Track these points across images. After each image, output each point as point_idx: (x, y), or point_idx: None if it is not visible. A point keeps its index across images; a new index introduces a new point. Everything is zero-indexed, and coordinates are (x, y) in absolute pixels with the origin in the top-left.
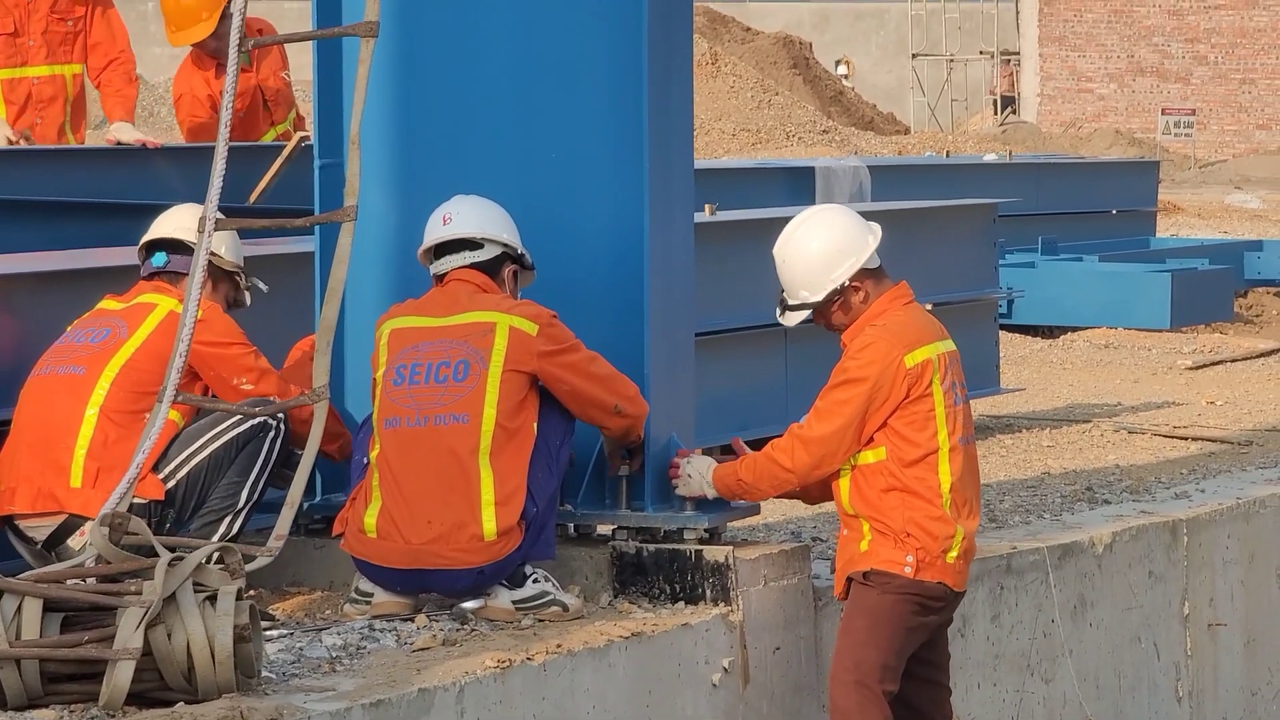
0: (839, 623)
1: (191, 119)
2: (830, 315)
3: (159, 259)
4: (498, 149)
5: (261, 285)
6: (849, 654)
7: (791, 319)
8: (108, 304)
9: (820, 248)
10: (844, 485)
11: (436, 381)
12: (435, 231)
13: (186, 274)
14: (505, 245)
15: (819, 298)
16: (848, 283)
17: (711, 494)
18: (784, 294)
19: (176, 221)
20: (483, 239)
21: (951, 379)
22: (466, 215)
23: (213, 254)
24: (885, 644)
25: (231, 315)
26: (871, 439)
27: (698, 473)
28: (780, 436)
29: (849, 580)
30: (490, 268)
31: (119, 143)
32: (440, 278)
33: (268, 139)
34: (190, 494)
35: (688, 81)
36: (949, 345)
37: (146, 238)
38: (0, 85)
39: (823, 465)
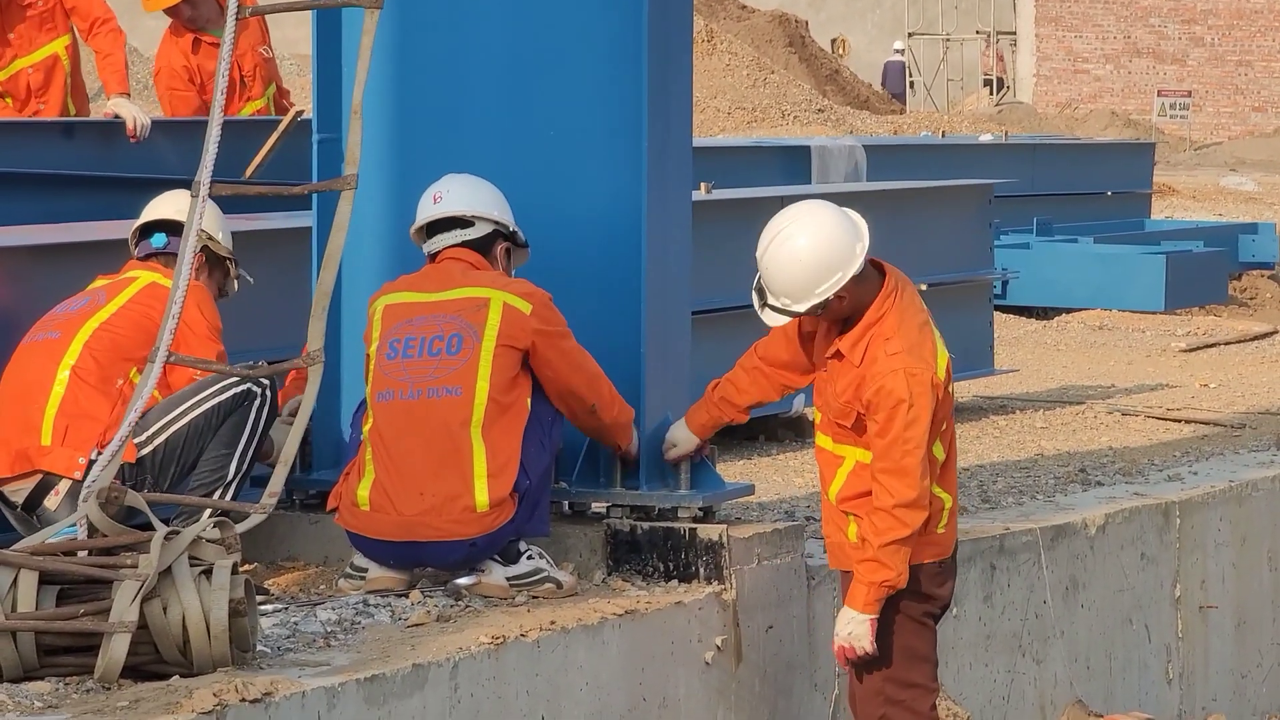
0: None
1: (170, 91)
2: (812, 314)
3: (159, 239)
4: (495, 126)
5: (249, 278)
6: (880, 673)
7: (772, 319)
8: (98, 282)
9: (807, 261)
10: (839, 476)
11: (430, 355)
12: (425, 210)
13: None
14: (496, 223)
15: (801, 309)
16: (832, 296)
17: (869, 632)
18: (763, 285)
19: (175, 204)
20: (473, 217)
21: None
22: (456, 193)
23: (210, 238)
24: (915, 655)
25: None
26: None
27: (857, 625)
28: (869, 524)
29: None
30: (481, 246)
31: (117, 116)
32: (433, 256)
33: (244, 114)
34: (169, 461)
35: (687, 60)
36: (929, 315)
37: (143, 220)
38: (3, 84)
39: (924, 509)
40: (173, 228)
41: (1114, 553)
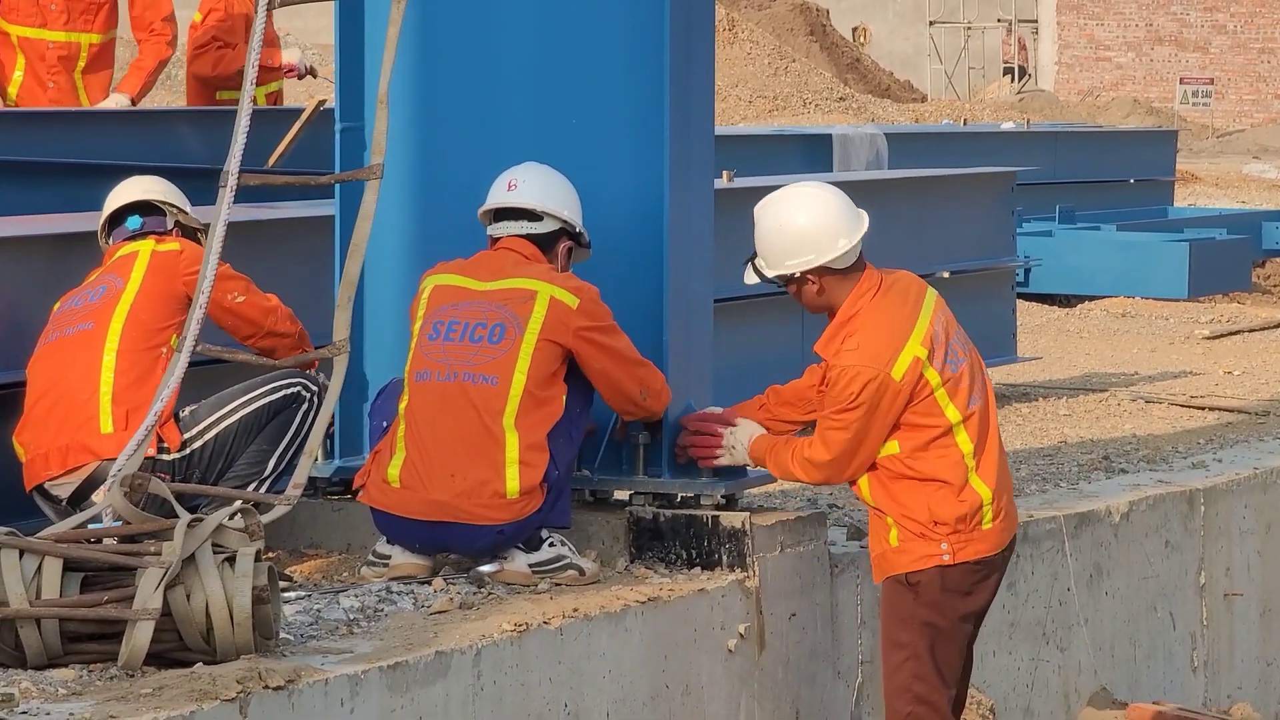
0: (881, 631)
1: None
2: (791, 292)
3: (134, 222)
4: (518, 114)
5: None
6: (908, 669)
7: (749, 278)
8: (93, 275)
9: (787, 231)
10: (862, 482)
11: (471, 341)
12: (498, 196)
13: (161, 233)
14: (564, 221)
15: (770, 275)
16: (799, 274)
17: (745, 463)
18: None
19: (143, 186)
20: (543, 212)
21: (942, 350)
22: (531, 185)
23: (181, 211)
24: (940, 651)
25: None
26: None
27: (740, 444)
28: (805, 443)
29: (888, 578)
30: (545, 241)
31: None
32: (494, 240)
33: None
34: (217, 456)
35: (709, 47)
36: (929, 309)
37: (114, 206)
38: (19, 42)
39: (835, 478)
40: (144, 208)
41: (1138, 540)
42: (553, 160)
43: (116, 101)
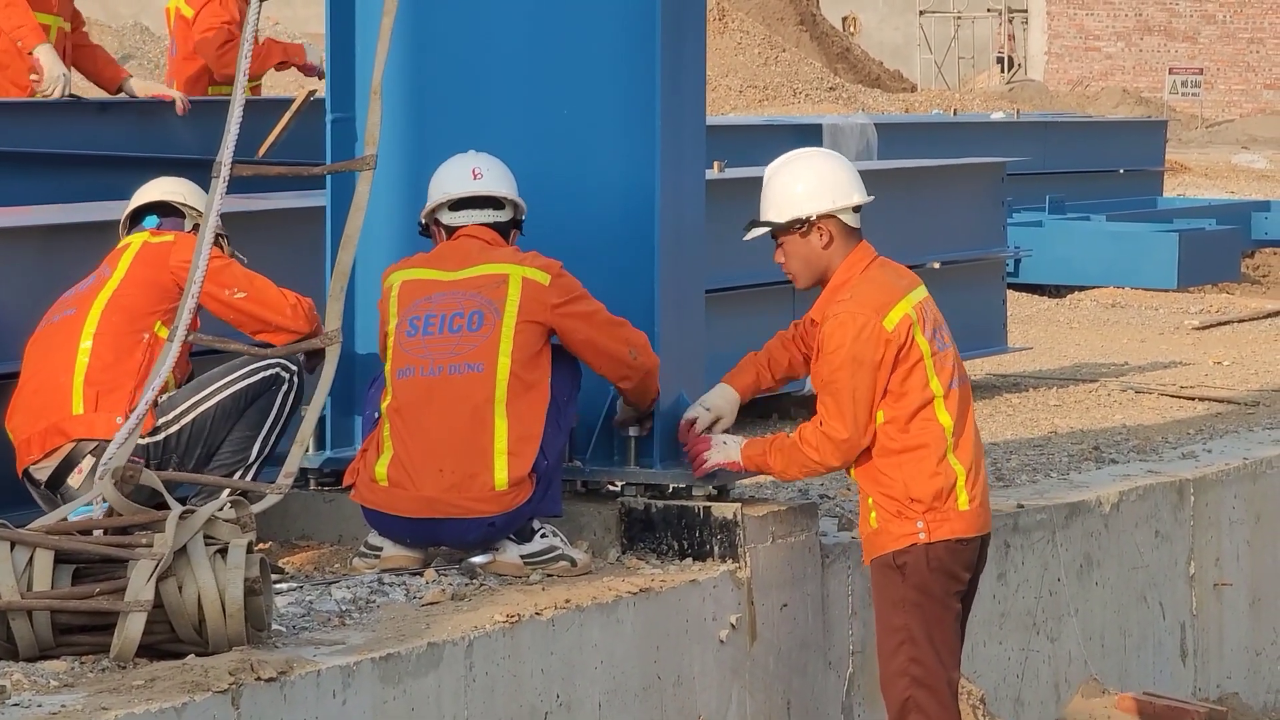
0: (875, 617)
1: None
2: (789, 250)
3: (150, 221)
4: (510, 104)
5: (242, 256)
6: (904, 653)
7: (751, 234)
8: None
9: (809, 175)
10: None
11: (451, 332)
12: (465, 184)
13: (179, 233)
14: (519, 207)
15: (782, 220)
16: (813, 218)
17: (740, 462)
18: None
19: (163, 187)
20: (505, 199)
21: (931, 326)
22: (494, 173)
23: (201, 215)
24: (935, 632)
25: None
26: None
27: (733, 440)
28: (807, 425)
29: (873, 561)
30: (504, 228)
31: (137, 95)
32: (451, 231)
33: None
34: (195, 441)
35: (700, 37)
36: (922, 293)
37: (134, 204)
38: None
39: (852, 455)
40: (163, 209)
41: (1128, 530)
42: (544, 150)
43: (142, 87)
